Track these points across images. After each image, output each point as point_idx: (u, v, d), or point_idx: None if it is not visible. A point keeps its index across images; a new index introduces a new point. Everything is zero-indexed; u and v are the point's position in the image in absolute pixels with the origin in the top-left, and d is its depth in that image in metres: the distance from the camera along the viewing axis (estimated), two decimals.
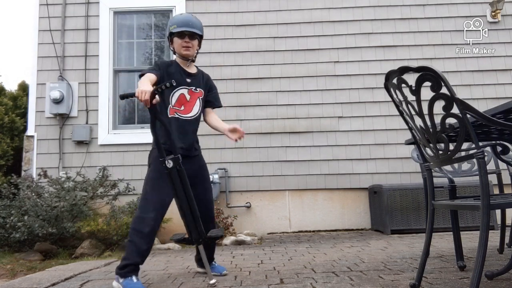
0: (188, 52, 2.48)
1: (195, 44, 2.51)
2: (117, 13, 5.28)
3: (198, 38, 2.51)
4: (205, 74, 2.67)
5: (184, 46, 2.46)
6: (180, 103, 2.47)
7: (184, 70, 2.52)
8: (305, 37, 5.17)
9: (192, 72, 2.56)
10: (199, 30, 2.49)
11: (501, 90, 4.97)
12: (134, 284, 2.13)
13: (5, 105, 5.54)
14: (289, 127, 4.98)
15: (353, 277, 2.26)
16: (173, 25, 2.46)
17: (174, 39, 2.48)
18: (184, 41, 2.45)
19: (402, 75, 1.64)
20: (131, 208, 4.19)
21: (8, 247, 4.08)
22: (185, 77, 2.51)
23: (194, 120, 2.52)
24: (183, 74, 2.51)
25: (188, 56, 2.51)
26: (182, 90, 2.48)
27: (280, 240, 4.28)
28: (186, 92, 2.49)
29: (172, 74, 2.45)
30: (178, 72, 2.49)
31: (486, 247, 1.42)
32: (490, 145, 2.53)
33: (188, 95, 2.50)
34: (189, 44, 2.47)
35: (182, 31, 2.43)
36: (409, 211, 4.27)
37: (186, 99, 2.49)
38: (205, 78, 2.64)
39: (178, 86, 2.45)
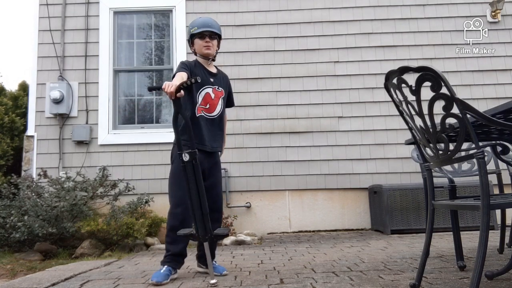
0: (209, 51, 2.64)
1: (215, 44, 2.67)
2: (117, 13, 5.28)
3: (217, 38, 2.69)
4: (224, 74, 2.83)
5: (205, 46, 2.62)
6: (205, 101, 2.60)
7: (207, 70, 2.67)
8: (305, 37, 5.17)
9: (213, 72, 2.72)
10: (218, 30, 2.66)
11: (501, 90, 4.97)
12: (157, 272, 2.37)
13: (5, 105, 5.54)
14: (289, 127, 4.98)
15: (353, 277, 2.26)
16: (193, 27, 2.63)
17: (195, 41, 2.65)
18: (205, 41, 2.62)
19: (402, 75, 1.64)
20: (131, 208, 4.19)
21: (8, 247, 4.08)
22: (209, 76, 2.66)
23: (218, 118, 2.67)
24: (207, 73, 2.65)
25: (209, 55, 2.66)
26: (207, 89, 2.62)
27: (280, 240, 4.28)
28: (211, 91, 2.63)
29: (196, 73, 2.55)
30: (201, 72, 2.62)
31: (486, 247, 1.42)
32: (490, 145, 2.53)
33: (212, 94, 2.64)
34: (209, 44, 2.63)
35: (202, 32, 2.60)
36: (409, 211, 4.27)
37: (211, 97, 2.63)
38: (225, 78, 2.81)
39: (203, 85, 2.59)
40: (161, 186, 4.83)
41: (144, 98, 5.29)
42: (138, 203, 4.25)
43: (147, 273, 2.70)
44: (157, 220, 4.41)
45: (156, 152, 4.91)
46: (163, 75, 5.34)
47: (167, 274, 2.37)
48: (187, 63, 2.62)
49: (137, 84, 5.31)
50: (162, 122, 5.23)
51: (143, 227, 3.99)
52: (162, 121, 5.24)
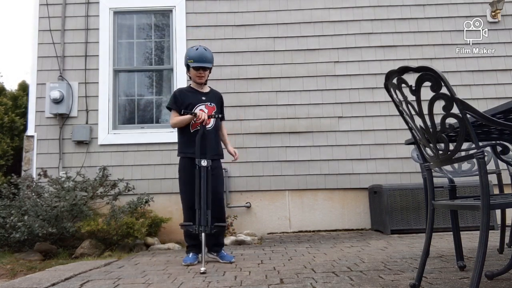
0: (201, 80, 3.19)
1: (207, 73, 3.20)
2: (117, 13, 5.28)
3: (209, 68, 3.19)
4: (216, 92, 3.32)
5: (198, 76, 3.16)
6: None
7: (198, 91, 3.20)
8: (305, 37, 5.17)
9: (205, 92, 3.23)
10: (211, 63, 3.16)
11: (501, 90, 4.97)
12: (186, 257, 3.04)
13: (5, 105, 5.53)
14: (289, 127, 4.98)
15: (353, 277, 2.26)
16: (190, 59, 3.13)
17: (191, 69, 3.16)
18: (199, 73, 3.14)
19: (402, 75, 1.64)
20: (131, 208, 4.19)
21: (8, 247, 4.08)
22: (200, 96, 3.18)
23: (213, 130, 3.17)
24: (199, 94, 3.18)
25: (201, 83, 3.21)
26: (201, 106, 3.14)
27: (280, 240, 4.28)
28: (203, 107, 3.14)
29: (188, 98, 3.14)
30: (194, 94, 3.18)
31: (486, 247, 1.42)
32: (490, 145, 2.53)
33: (206, 110, 3.12)
34: (202, 75, 3.16)
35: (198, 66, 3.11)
36: (409, 211, 4.27)
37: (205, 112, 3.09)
38: (217, 95, 3.29)
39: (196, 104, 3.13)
40: (161, 186, 4.83)
41: (144, 98, 5.29)
42: (138, 203, 4.24)
43: (147, 273, 2.71)
44: (157, 220, 4.41)
45: (156, 152, 4.91)
46: (163, 75, 5.34)
47: (194, 257, 3.00)
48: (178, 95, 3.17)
49: (137, 84, 5.31)
50: (162, 122, 5.23)
51: (143, 227, 3.99)
52: (162, 121, 5.24)
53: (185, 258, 3.02)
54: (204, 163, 2.90)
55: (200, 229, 2.81)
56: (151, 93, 5.31)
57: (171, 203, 4.74)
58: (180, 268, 2.85)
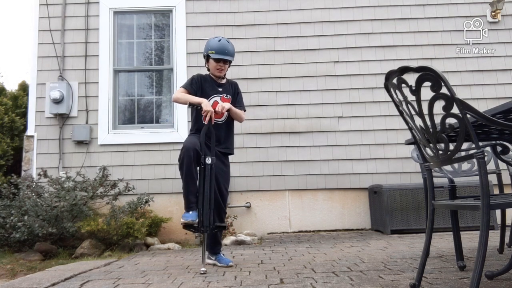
0: (220, 74, 3.00)
1: (226, 67, 3.01)
2: (117, 13, 5.28)
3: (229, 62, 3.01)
4: (233, 82, 3.14)
5: (218, 69, 2.96)
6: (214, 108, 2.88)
7: (215, 82, 3.02)
8: (305, 37, 5.17)
9: (222, 83, 3.04)
10: (232, 57, 2.98)
11: (501, 90, 4.97)
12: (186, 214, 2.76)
13: (5, 104, 5.53)
14: (289, 127, 4.98)
15: (353, 277, 2.26)
16: (212, 50, 2.93)
17: (210, 60, 2.96)
18: (219, 65, 2.95)
19: (402, 75, 1.64)
20: (131, 208, 4.19)
21: (8, 247, 4.08)
22: (217, 87, 3.00)
23: (225, 123, 2.99)
24: (215, 85, 3.00)
25: (220, 76, 3.02)
26: (216, 97, 2.96)
27: (280, 240, 4.28)
28: (219, 99, 2.97)
29: (205, 85, 2.96)
30: (210, 85, 2.99)
31: (486, 247, 1.42)
32: (490, 145, 2.52)
33: (220, 102, 2.94)
34: (222, 68, 2.97)
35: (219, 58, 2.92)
36: (409, 211, 4.27)
37: None
38: (234, 86, 3.11)
39: (212, 94, 2.95)
40: (161, 186, 4.83)
41: (144, 98, 5.29)
42: (138, 203, 4.25)
43: (147, 273, 2.71)
44: (157, 220, 4.41)
45: (156, 152, 4.91)
46: (163, 75, 5.34)
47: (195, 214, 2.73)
48: (198, 79, 2.96)
49: (137, 84, 5.31)
50: (162, 122, 5.23)
51: (143, 227, 3.99)
52: (162, 121, 5.24)
53: (185, 214, 2.76)
54: (209, 160, 2.78)
55: (202, 229, 2.72)
56: (151, 93, 5.31)
57: (171, 203, 4.74)
58: (180, 268, 2.85)
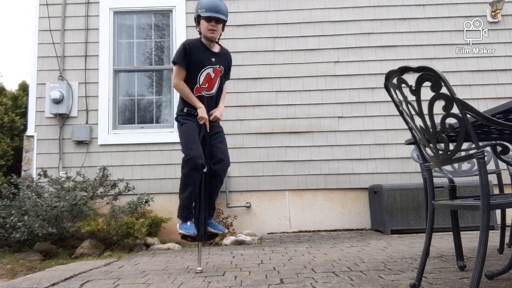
0: (213, 35, 2.72)
1: (219, 28, 2.74)
2: (117, 13, 5.28)
3: (223, 22, 2.75)
4: (227, 53, 2.91)
5: (210, 29, 2.69)
6: (206, 81, 2.75)
7: (209, 50, 2.77)
8: (305, 37, 5.17)
9: (216, 51, 2.81)
10: (225, 16, 2.73)
11: (501, 90, 4.97)
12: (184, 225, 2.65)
13: (5, 104, 5.53)
14: (289, 127, 4.98)
15: (353, 277, 2.26)
16: (202, 8, 2.68)
17: (201, 21, 2.71)
18: (211, 25, 2.68)
19: (402, 75, 1.64)
20: (131, 208, 4.19)
21: (8, 247, 4.08)
22: (210, 56, 2.76)
23: (215, 95, 2.82)
24: (208, 54, 2.76)
25: (213, 39, 2.75)
26: (208, 69, 2.75)
27: (280, 240, 4.28)
28: (211, 71, 2.76)
29: (198, 54, 2.72)
30: (203, 52, 2.75)
31: (486, 247, 1.42)
32: (490, 145, 2.52)
33: (213, 74, 2.76)
34: (214, 28, 2.69)
35: (210, 16, 2.66)
36: (409, 211, 4.27)
37: (211, 77, 2.77)
38: (227, 56, 2.89)
39: (204, 65, 2.73)
40: (161, 186, 4.83)
41: (144, 98, 5.29)
42: (138, 203, 4.24)
43: (147, 273, 2.71)
44: (157, 220, 4.41)
45: (156, 152, 4.91)
46: (163, 75, 5.34)
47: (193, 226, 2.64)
48: (187, 48, 2.70)
49: (137, 84, 5.31)
50: (162, 122, 5.23)
51: (143, 227, 3.99)
52: (162, 121, 5.24)
53: (185, 226, 2.63)
54: (205, 169, 2.69)
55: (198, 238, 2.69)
56: (151, 93, 5.31)
57: (171, 203, 4.73)
58: (180, 268, 2.85)
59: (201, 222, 2.70)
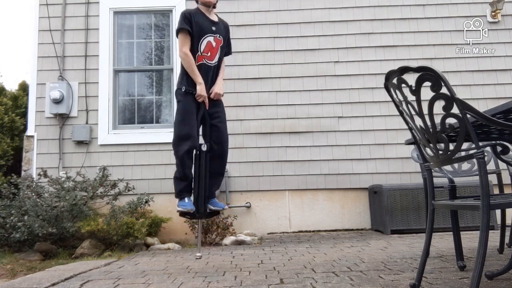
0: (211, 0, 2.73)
1: None
2: (117, 13, 5.28)
3: None
4: (225, 22, 2.92)
5: None
6: (207, 49, 2.72)
7: (208, 18, 2.77)
8: (305, 37, 5.17)
9: (215, 20, 2.81)
10: None
11: (501, 90, 4.97)
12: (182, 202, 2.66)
13: (5, 104, 5.53)
14: (289, 127, 4.98)
15: (353, 277, 2.26)
16: None
17: None
18: None
19: (402, 75, 1.64)
20: (131, 208, 4.19)
21: (8, 247, 4.08)
22: (211, 25, 2.76)
23: (216, 66, 2.79)
24: (209, 21, 2.76)
25: (210, 3, 2.75)
26: (209, 37, 2.73)
27: (280, 240, 4.28)
28: (212, 39, 2.74)
29: (198, 21, 2.70)
30: (204, 20, 2.74)
31: (486, 247, 1.42)
32: (490, 145, 2.52)
33: (214, 42, 2.75)
34: None
35: None
36: (409, 211, 4.27)
37: (212, 46, 2.74)
38: (225, 27, 2.90)
39: (205, 33, 2.71)
40: (161, 186, 4.83)
41: (144, 98, 5.29)
42: (138, 203, 4.25)
43: (147, 273, 2.71)
44: (157, 220, 4.41)
45: (156, 152, 4.91)
46: (163, 75, 5.34)
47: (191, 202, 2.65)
48: (188, 15, 2.69)
49: (137, 84, 5.31)
50: (162, 122, 5.23)
51: (143, 227, 3.99)
52: (162, 121, 5.24)
53: (181, 203, 2.65)
54: (204, 147, 2.68)
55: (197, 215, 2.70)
56: (151, 93, 5.31)
57: (171, 203, 4.73)
58: (180, 268, 2.85)
59: (200, 200, 2.67)
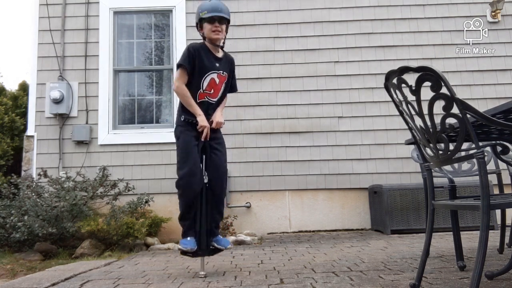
0: (218, 36, 2.63)
1: (223, 29, 2.66)
2: (117, 13, 5.28)
3: (226, 23, 2.68)
4: (229, 57, 2.81)
5: (214, 31, 2.61)
6: (210, 87, 2.65)
7: (213, 55, 2.67)
8: (305, 37, 5.17)
9: (219, 57, 2.71)
10: (227, 15, 2.66)
11: (501, 90, 4.97)
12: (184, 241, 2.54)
13: (5, 104, 5.53)
14: (289, 127, 4.98)
15: (353, 277, 2.26)
16: (203, 11, 2.62)
17: (204, 25, 2.64)
18: (214, 25, 2.60)
19: (402, 75, 1.64)
20: (131, 208, 4.19)
21: (8, 247, 4.08)
22: (215, 62, 2.67)
23: (218, 102, 2.73)
24: (213, 58, 2.66)
25: (218, 40, 2.66)
26: (213, 74, 2.64)
27: (280, 240, 4.28)
28: (215, 76, 2.66)
29: (203, 58, 2.62)
30: (208, 56, 2.64)
31: (486, 247, 1.42)
32: (490, 145, 2.52)
33: (217, 79, 2.67)
34: (218, 29, 2.62)
35: (212, 17, 2.59)
36: (409, 211, 4.27)
37: (215, 83, 2.67)
38: (230, 62, 2.79)
39: (209, 70, 2.63)
40: (161, 186, 4.83)
41: (144, 98, 5.29)
42: (138, 203, 4.24)
43: (147, 273, 2.70)
44: (157, 220, 4.41)
45: (156, 152, 4.91)
46: (163, 75, 5.34)
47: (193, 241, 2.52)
48: (193, 52, 2.61)
49: (137, 84, 5.31)
50: (162, 122, 5.23)
51: (143, 227, 3.99)
52: (162, 121, 5.24)
53: (183, 241, 2.54)
54: (205, 179, 2.58)
55: (199, 253, 2.56)
56: (151, 93, 5.31)
57: (171, 203, 4.73)
58: (180, 268, 2.85)
59: (202, 235, 2.56)
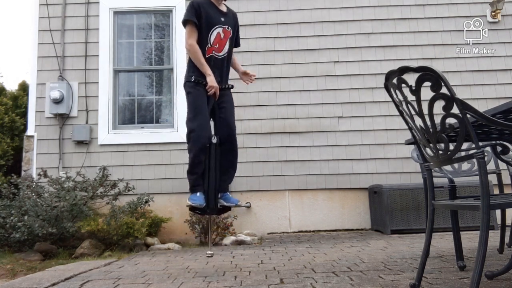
0: None
1: None
2: (117, 13, 5.28)
3: None
4: (233, 12, 2.83)
5: None
6: (216, 41, 2.66)
7: (217, 8, 2.69)
8: (305, 37, 5.17)
9: (224, 11, 2.73)
10: None
11: (501, 90, 4.97)
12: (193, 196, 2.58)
13: (5, 104, 5.53)
14: (289, 127, 4.98)
15: (353, 277, 2.26)
16: None
17: None
18: None
19: (402, 75, 1.64)
20: (131, 208, 4.19)
21: (8, 247, 4.08)
22: (220, 16, 2.68)
23: (227, 57, 2.74)
24: (218, 12, 2.68)
25: None
26: (218, 29, 2.65)
27: (280, 240, 4.28)
28: (221, 30, 2.67)
29: (207, 12, 2.62)
30: (213, 11, 2.66)
31: (486, 247, 1.42)
32: (490, 145, 2.52)
33: (222, 34, 2.68)
34: None
35: None
36: (409, 211, 4.27)
37: (221, 37, 2.67)
38: (234, 17, 2.81)
39: (214, 24, 2.64)
40: (161, 186, 4.83)
41: (144, 98, 5.29)
42: (138, 203, 4.24)
43: (147, 273, 2.71)
44: (157, 220, 4.41)
45: (156, 152, 4.91)
46: (163, 75, 5.34)
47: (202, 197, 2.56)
48: (196, 5, 2.62)
49: (137, 84, 5.31)
50: (162, 122, 5.23)
51: (143, 227, 3.99)
52: (162, 121, 5.24)
53: (192, 196, 2.57)
54: (214, 140, 2.60)
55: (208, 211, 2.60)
56: (151, 93, 5.31)
57: (171, 203, 4.74)
58: (180, 268, 2.85)
59: (210, 194, 2.58)
